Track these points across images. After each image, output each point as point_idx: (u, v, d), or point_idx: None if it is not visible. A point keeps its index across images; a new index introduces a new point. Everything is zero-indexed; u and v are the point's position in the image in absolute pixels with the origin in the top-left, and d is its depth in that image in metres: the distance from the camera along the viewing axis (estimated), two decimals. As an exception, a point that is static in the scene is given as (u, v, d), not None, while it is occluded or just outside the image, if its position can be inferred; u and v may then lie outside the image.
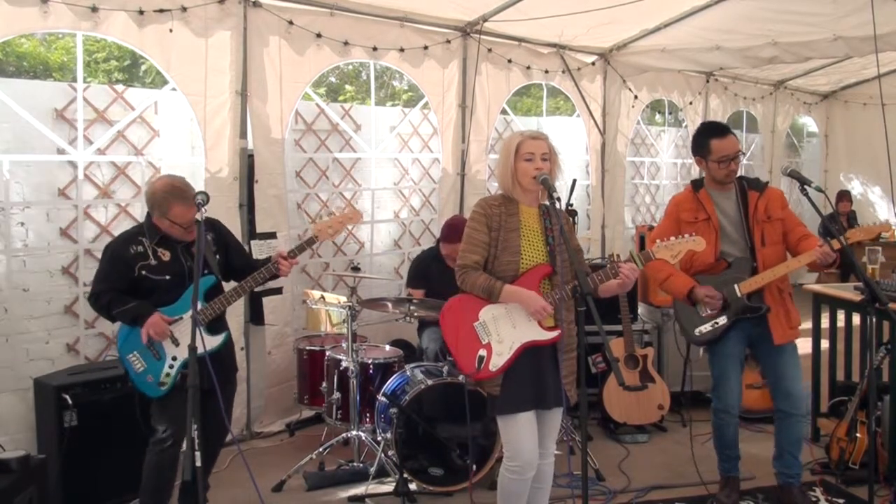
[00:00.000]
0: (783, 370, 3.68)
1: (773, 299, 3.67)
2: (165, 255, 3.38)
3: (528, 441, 2.99)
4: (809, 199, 3.47)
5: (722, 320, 3.67)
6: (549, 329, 3.03)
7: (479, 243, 3.06)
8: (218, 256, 3.49)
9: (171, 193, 3.32)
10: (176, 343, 3.33)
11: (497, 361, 2.99)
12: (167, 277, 3.35)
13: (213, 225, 3.59)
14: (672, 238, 3.09)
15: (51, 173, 4.45)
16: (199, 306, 3.29)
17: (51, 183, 4.45)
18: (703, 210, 3.73)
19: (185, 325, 3.33)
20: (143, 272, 3.33)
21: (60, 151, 4.43)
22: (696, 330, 3.73)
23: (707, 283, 3.67)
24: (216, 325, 3.44)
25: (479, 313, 3.04)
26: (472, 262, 3.05)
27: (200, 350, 3.24)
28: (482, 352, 3.00)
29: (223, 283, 3.54)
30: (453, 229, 4.62)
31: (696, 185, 3.84)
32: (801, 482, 3.80)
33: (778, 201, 3.77)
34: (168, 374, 3.32)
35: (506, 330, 3.02)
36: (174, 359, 3.33)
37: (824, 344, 4.78)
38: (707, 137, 3.71)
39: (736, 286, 3.62)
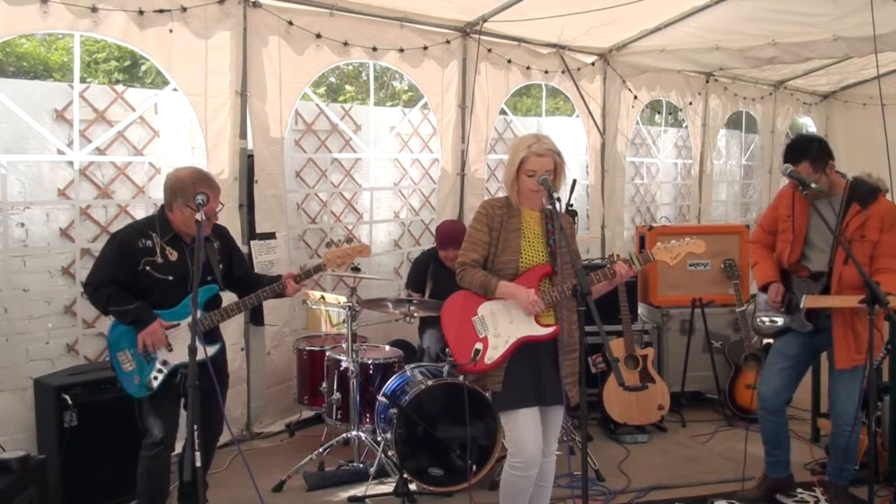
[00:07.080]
0: (837, 391, 3.70)
1: (843, 321, 3.60)
2: (173, 255, 3.31)
3: (531, 437, 3.02)
4: (809, 200, 3.46)
5: (779, 320, 3.77)
6: (546, 325, 3.08)
7: (479, 242, 3.15)
8: (221, 266, 3.45)
9: (198, 179, 3.26)
10: (169, 348, 3.30)
11: (492, 355, 3.05)
12: (170, 278, 3.30)
13: (221, 233, 3.55)
14: (672, 241, 3.21)
15: (51, 173, 4.45)
16: (199, 314, 3.25)
17: (51, 183, 4.45)
18: (798, 212, 3.70)
19: (181, 331, 3.31)
20: (148, 268, 3.26)
21: (60, 152, 4.43)
22: (759, 318, 3.86)
23: (799, 284, 3.71)
24: (212, 334, 3.41)
25: (479, 308, 3.13)
26: (471, 260, 3.14)
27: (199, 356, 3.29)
28: (478, 345, 3.08)
29: (221, 292, 3.50)
30: (444, 235, 4.74)
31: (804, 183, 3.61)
32: (847, 482, 3.82)
33: (879, 222, 3.54)
34: (156, 378, 3.28)
35: (503, 325, 3.09)
36: (164, 363, 3.29)
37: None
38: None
39: (804, 296, 3.65)
